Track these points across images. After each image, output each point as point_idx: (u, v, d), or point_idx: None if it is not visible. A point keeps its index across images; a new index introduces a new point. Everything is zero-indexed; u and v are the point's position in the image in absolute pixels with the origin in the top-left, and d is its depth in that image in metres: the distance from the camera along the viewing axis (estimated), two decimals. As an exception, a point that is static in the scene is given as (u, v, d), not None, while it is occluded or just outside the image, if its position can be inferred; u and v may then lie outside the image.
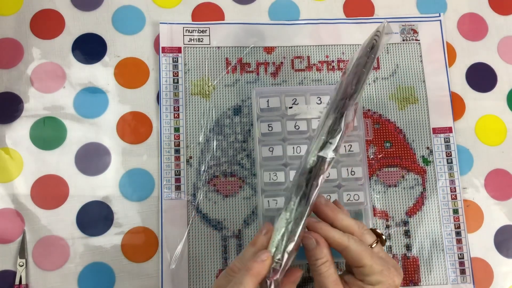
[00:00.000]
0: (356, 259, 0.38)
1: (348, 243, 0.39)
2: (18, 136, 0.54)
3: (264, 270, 0.37)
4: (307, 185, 0.39)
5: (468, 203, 0.56)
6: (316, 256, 0.39)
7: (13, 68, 0.56)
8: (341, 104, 0.41)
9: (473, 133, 0.58)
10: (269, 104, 0.53)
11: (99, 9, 0.58)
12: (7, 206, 0.52)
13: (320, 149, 0.40)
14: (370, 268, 0.38)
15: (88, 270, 0.51)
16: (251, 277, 0.36)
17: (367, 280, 0.39)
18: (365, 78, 0.42)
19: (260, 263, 0.37)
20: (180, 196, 0.53)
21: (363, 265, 0.38)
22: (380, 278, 0.38)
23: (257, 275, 0.36)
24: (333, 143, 0.40)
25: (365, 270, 0.38)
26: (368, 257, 0.38)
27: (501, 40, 0.61)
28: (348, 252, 0.39)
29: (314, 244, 0.39)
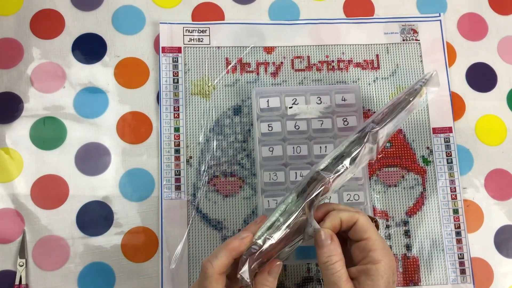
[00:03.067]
0: (363, 231, 0.39)
1: (359, 216, 0.40)
2: (18, 136, 0.54)
3: (241, 247, 0.38)
4: (309, 184, 0.40)
5: (468, 203, 0.56)
6: (331, 252, 0.39)
7: (13, 68, 0.56)
8: (369, 126, 0.43)
9: (473, 133, 0.58)
10: (269, 104, 0.53)
11: (99, 9, 0.58)
12: (7, 206, 0.52)
13: (334, 158, 0.41)
14: (373, 242, 0.39)
15: (88, 270, 0.51)
16: (227, 251, 0.38)
17: (370, 256, 0.39)
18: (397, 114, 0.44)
19: (238, 240, 0.39)
20: (180, 196, 0.53)
21: (368, 237, 0.39)
22: (381, 255, 0.39)
23: (232, 250, 0.38)
24: (349, 155, 0.41)
25: (369, 243, 0.39)
26: (374, 231, 0.40)
27: (501, 40, 0.61)
28: (357, 225, 0.40)
29: (329, 240, 0.39)
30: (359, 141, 0.42)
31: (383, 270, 0.38)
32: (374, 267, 0.38)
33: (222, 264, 0.38)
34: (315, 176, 0.41)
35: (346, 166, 0.41)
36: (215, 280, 0.38)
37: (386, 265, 0.38)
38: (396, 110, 0.44)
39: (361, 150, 0.41)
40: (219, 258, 0.38)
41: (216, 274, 0.38)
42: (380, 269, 0.38)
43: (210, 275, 0.38)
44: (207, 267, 0.38)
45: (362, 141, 0.42)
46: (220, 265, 0.38)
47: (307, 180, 0.41)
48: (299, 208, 0.39)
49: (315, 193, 0.39)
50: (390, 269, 0.39)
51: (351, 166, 0.41)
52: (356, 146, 0.42)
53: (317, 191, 0.39)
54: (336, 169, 0.41)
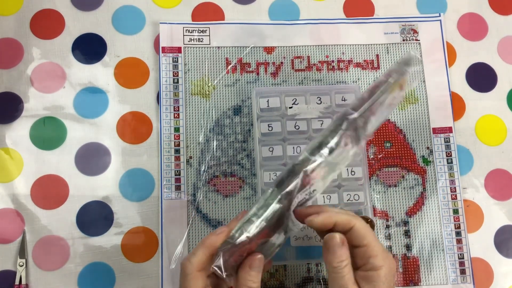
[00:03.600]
0: (362, 237, 0.39)
1: (356, 221, 0.39)
2: (18, 136, 0.54)
3: (217, 242, 0.38)
4: (287, 177, 0.39)
5: (468, 203, 0.56)
6: (342, 257, 0.38)
7: (13, 68, 0.56)
8: (348, 112, 0.41)
9: (473, 133, 0.58)
10: (269, 104, 0.53)
11: (99, 9, 0.58)
12: (7, 206, 0.52)
13: (312, 149, 0.40)
14: (373, 249, 0.38)
15: (88, 270, 0.51)
16: (203, 247, 0.38)
17: (369, 264, 0.38)
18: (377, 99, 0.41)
19: (214, 235, 0.39)
20: (180, 196, 0.53)
21: (367, 243, 0.38)
22: (381, 260, 0.38)
23: (209, 245, 0.38)
24: (326, 145, 0.40)
25: (368, 250, 0.38)
26: (373, 237, 0.39)
27: (501, 40, 0.61)
28: (355, 230, 0.39)
29: (340, 244, 0.38)
30: (337, 129, 0.40)
31: (384, 276, 0.38)
32: (375, 274, 0.38)
33: (199, 261, 0.38)
34: (293, 168, 0.40)
35: (325, 155, 0.39)
36: (194, 278, 0.38)
37: (386, 269, 0.38)
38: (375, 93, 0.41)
39: (339, 139, 0.40)
40: (196, 255, 0.38)
41: (195, 272, 0.38)
42: (381, 275, 0.38)
43: (189, 273, 0.38)
44: (185, 265, 0.38)
45: (339, 128, 0.40)
46: (197, 262, 0.38)
47: (286, 173, 0.40)
48: (274, 201, 0.39)
49: (291, 184, 0.39)
50: (390, 273, 0.38)
51: (330, 155, 0.40)
52: (332, 134, 0.40)
53: (293, 182, 0.39)
54: (313, 159, 0.39)
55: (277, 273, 0.53)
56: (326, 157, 0.40)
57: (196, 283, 0.38)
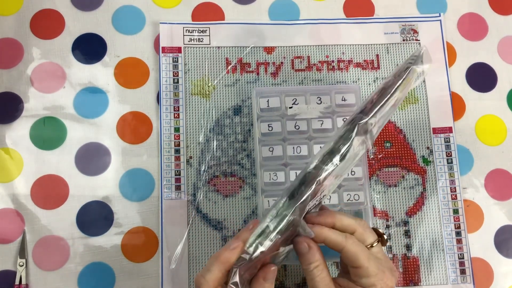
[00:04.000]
0: (353, 260, 0.38)
1: (346, 243, 0.38)
2: (18, 136, 0.54)
3: (232, 258, 0.37)
4: (300, 187, 0.39)
5: (468, 203, 0.56)
6: (309, 260, 0.38)
7: (13, 68, 0.56)
8: (358, 117, 0.40)
9: (473, 133, 0.58)
10: (269, 104, 0.53)
11: (99, 9, 0.58)
12: (7, 206, 0.52)
13: (324, 156, 0.40)
14: (365, 270, 0.38)
15: (88, 270, 0.51)
16: (219, 263, 0.37)
17: (361, 282, 0.38)
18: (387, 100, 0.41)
19: (228, 251, 0.37)
20: (180, 196, 0.53)
21: (359, 266, 0.38)
22: (374, 281, 0.38)
23: (225, 262, 0.37)
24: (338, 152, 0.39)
25: (360, 271, 0.38)
26: (365, 259, 0.38)
27: (501, 40, 0.61)
28: (345, 252, 0.39)
29: (307, 248, 0.39)
30: (348, 135, 0.40)
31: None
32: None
33: (215, 277, 0.37)
34: (305, 177, 0.39)
35: (336, 163, 0.39)
36: None
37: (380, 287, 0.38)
38: (385, 94, 0.41)
39: (350, 145, 0.39)
40: (212, 272, 0.37)
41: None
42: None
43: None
44: (201, 282, 0.37)
45: (351, 135, 0.39)
46: (213, 279, 0.37)
47: (298, 182, 0.39)
48: (290, 213, 0.38)
49: (305, 195, 0.38)
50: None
51: (342, 162, 0.39)
52: (345, 141, 0.40)
53: (307, 193, 0.38)
54: (326, 168, 0.39)
55: (277, 273, 0.53)
56: (337, 165, 0.39)
57: None
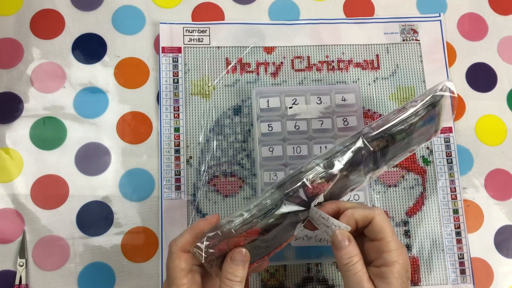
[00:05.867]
0: (379, 232, 0.39)
1: (375, 214, 0.39)
2: (18, 136, 0.54)
3: (204, 226, 0.40)
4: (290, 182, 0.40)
5: (468, 203, 0.56)
6: (350, 253, 0.38)
7: (13, 68, 0.56)
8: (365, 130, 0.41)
9: (473, 133, 0.58)
10: (269, 104, 0.53)
11: (99, 9, 0.58)
12: (7, 206, 0.52)
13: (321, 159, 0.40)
14: (388, 244, 0.38)
15: (88, 270, 0.51)
16: (190, 229, 0.40)
17: (383, 258, 0.38)
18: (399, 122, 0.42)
19: (202, 220, 0.41)
20: (180, 196, 0.53)
21: (384, 238, 0.39)
22: (395, 256, 0.38)
23: (195, 229, 0.40)
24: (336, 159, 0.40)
25: (383, 245, 0.38)
26: (390, 232, 0.39)
27: (501, 40, 0.61)
28: (372, 224, 0.39)
29: (347, 242, 0.39)
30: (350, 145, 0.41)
31: (397, 272, 0.38)
32: (388, 270, 0.38)
33: (184, 241, 0.39)
34: (295, 173, 0.40)
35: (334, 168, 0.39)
36: (177, 257, 0.39)
37: (400, 266, 0.38)
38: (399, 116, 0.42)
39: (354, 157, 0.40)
40: (182, 236, 0.40)
41: (178, 251, 0.39)
42: (394, 271, 0.38)
43: (173, 252, 0.39)
44: (171, 245, 0.40)
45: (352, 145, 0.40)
46: (182, 242, 0.39)
47: (289, 178, 0.40)
48: (270, 199, 0.39)
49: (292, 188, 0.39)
50: (404, 269, 0.38)
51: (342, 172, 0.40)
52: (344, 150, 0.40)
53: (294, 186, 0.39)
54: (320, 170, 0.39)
55: (277, 273, 0.53)
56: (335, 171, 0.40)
57: (178, 263, 0.39)
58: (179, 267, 0.39)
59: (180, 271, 0.38)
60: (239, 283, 0.38)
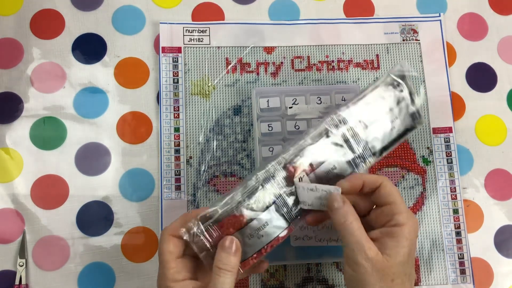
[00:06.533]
0: (388, 195, 0.40)
1: (383, 180, 0.40)
2: (18, 136, 0.54)
3: (195, 212, 0.40)
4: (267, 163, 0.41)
5: (468, 203, 0.56)
6: (346, 213, 0.39)
7: (13, 68, 0.56)
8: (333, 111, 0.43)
9: (473, 133, 0.58)
10: (269, 104, 0.53)
11: (99, 9, 0.58)
12: (7, 206, 0.52)
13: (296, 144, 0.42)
14: (398, 206, 0.39)
15: (88, 270, 0.51)
16: (182, 216, 0.41)
17: (395, 219, 0.39)
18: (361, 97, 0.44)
19: (196, 210, 0.42)
20: (180, 196, 0.53)
21: (393, 201, 0.39)
22: (406, 218, 0.39)
23: (187, 215, 0.41)
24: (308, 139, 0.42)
25: (393, 207, 0.39)
26: (399, 196, 0.40)
27: (501, 40, 0.61)
28: (382, 187, 0.40)
29: (341, 202, 0.39)
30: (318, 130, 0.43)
31: (408, 232, 0.38)
32: (399, 229, 0.38)
33: (174, 227, 0.40)
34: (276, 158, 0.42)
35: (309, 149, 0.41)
36: (166, 239, 0.40)
37: (411, 227, 0.38)
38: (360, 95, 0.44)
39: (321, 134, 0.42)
40: (173, 223, 0.41)
41: (167, 235, 0.40)
42: (405, 231, 0.38)
43: (164, 237, 0.40)
44: (163, 230, 0.41)
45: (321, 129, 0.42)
46: (172, 228, 0.40)
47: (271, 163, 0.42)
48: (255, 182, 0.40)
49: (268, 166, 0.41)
50: (414, 232, 0.39)
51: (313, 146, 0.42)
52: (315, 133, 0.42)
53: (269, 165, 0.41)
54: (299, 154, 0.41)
55: (277, 273, 0.53)
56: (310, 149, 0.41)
57: (167, 246, 0.39)
58: (168, 250, 0.39)
59: (169, 254, 0.39)
60: (230, 272, 0.38)
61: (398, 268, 0.38)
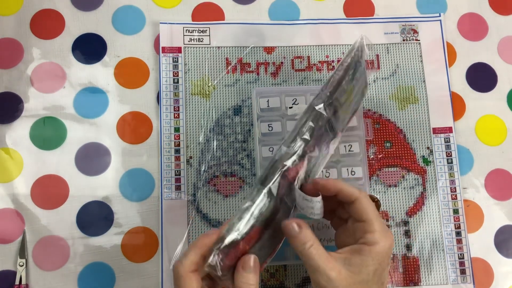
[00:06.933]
0: (362, 213, 0.39)
1: (360, 195, 0.40)
2: (18, 136, 0.54)
3: (208, 242, 0.38)
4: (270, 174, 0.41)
5: (468, 203, 0.56)
6: (303, 240, 0.39)
7: (13, 68, 0.56)
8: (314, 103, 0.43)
9: (473, 133, 0.58)
10: (269, 104, 0.53)
11: (99, 9, 0.58)
12: (7, 206, 0.52)
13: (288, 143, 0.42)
14: (372, 225, 0.39)
15: (88, 270, 0.51)
16: (195, 248, 0.38)
17: (366, 238, 0.39)
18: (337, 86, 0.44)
19: (205, 236, 0.39)
20: (180, 196, 0.53)
21: (367, 219, 0.39)
22: (378, 237, 0.38)
23: (200, 246, 0.38)
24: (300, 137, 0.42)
25: (367, 226, 0.39)
26: (374, 214, 0.39)
27: (501, 40, 0.61)
28: (358, 204, 0.39)
29: (296, 229, 0.39)
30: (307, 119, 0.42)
31: (376, 252, 0.38)
32: (367, 248, 0.38)
33: (191, 262, 0.38)
34: (273, 164, 0.41)
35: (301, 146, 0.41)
36: (187, 278, 0.38)
37: (380, 248, 0.38)
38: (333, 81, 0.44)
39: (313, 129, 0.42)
40: (188, 257, 0.38)
41: (187, 272, 0.38)
42: (372, 251, 0.38)
43: (181, 274, 0.38)
44: (177, 267, 0.38)
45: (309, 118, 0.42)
46: (189, 263, 0.38)
47: (268, 171, 0.41)
48: (259, 195, 0.39)
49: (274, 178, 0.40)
50: (384, 252, 0.39)
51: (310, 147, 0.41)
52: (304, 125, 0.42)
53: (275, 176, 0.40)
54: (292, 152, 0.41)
55: (277, 273, 0.53)
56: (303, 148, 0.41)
57: (190, 284, 0.37)
58: None
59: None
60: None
61: (362, 285, 0.38)
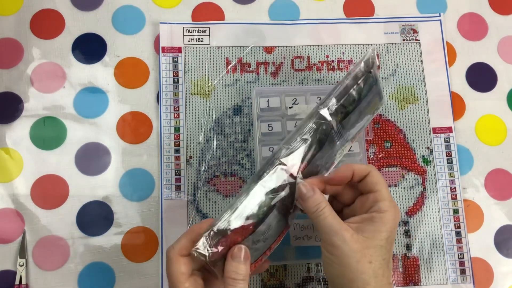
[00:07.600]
0: (375, 183, 0.40)
1: (372, 169, 0.41)
2: (18, 136, 0.54)
3: (200, 229, 0.39)
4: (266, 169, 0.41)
5: (468, 203, 0.56)
6: (316, 201, 0.39)
7: (13, 68, 0.56)
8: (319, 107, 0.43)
9: (473, 133, 0.58)
10: (269, 104, 0.53)
11: (99, 9, 0.58)
12: (7, 206, 0.52)
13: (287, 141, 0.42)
14: (383, 194, 0.40)
15: (88, 270, 0.51)
16: (186, 234, 0.40)
17: (378, 206, 0.39)
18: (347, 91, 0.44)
19: (197, 224, 0.41)
20: (180, 196, 0.53)
21: (379, 189, 0.40)
22: (388, 206, 0.39)
23: (191, 232, 0.40)
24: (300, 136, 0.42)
25: (378, 195, 0.40)
26: (384, 184, 0.41)
27: (501, 40, 0.61)
28: (370, 176, 0.41)
29: (312, 191, 0.40)
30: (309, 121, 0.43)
31: (388, 219, 0.39)
32: (379, 215, 0.39)
33: (182, 245, 0.39)
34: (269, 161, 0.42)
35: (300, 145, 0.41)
36: (176, 262, 0.39)
37: (392, 214, 0.39)
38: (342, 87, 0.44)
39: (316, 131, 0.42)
40: (179, 241, 0.40)
41: (176, 256, 0.39)
42: (384, 218, 0.39)
43: (171, 257, 0.39)
44: (168, 250, 0.40)
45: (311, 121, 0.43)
46: (179, 247, 0.39)
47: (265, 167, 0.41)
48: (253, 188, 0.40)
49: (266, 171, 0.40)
50: (394, 219, 0.39)
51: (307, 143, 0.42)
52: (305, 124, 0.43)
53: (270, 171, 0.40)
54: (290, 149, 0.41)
55: (277, 273, 0.53)
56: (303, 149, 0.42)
57: (178, 266, 0.39)
58: (179, 271, 0.38)
59: (181, 275, 0.38)
60: (243, 280, 0.38)
61: (375, 250, 0.38)
